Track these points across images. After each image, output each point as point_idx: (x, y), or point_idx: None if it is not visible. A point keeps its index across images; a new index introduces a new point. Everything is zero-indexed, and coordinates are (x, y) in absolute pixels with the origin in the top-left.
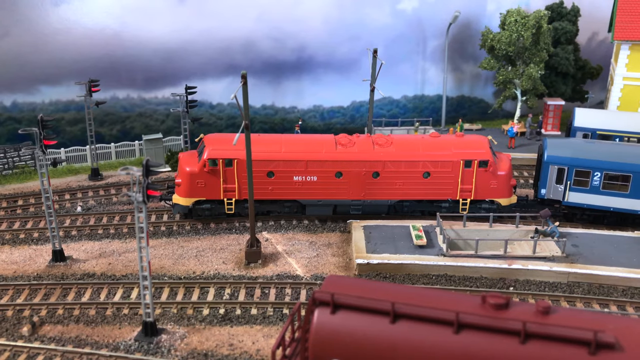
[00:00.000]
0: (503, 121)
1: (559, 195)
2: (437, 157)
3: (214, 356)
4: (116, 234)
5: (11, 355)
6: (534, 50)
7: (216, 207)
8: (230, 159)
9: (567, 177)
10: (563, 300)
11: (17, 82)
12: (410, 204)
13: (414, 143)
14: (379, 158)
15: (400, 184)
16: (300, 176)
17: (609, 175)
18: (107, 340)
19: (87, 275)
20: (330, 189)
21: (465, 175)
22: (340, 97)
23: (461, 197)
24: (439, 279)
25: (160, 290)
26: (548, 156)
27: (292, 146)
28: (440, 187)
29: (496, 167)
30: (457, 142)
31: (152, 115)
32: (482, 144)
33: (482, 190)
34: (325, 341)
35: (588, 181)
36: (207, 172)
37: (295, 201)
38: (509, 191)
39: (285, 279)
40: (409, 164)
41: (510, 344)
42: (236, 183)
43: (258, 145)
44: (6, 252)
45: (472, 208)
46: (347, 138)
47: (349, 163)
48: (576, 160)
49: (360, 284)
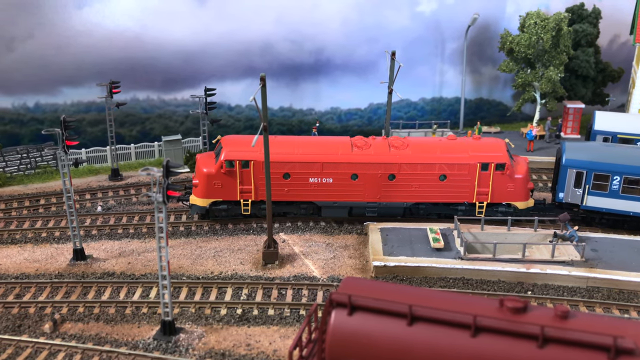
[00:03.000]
0: (522, 124)
1: (577, 199)
2: (453, 160)
3: (232, 356)
4: (135, 233)
5: (33, 352)
6: (554, 53)
7: (233, 208)
8: (247, 160)
9: (585, 181)
10: (582, 305)
11: (40, 83)
12: (426, 207)
13: (430, 145)
14: (395, 160)
15: (416, 186)
16: (316, 178)
17: (628, 180)
18: (126, 338)
19: (107, 274)
20: (346, 190)
21: (481, 178)
22: (357, 99)
23: (477, 200)
24: (456, 282)
25: (178, 290)
26: (566, 160)
27: (308, 148)
28: (457, 189)
29: (513, 170)
30: (474, 144)
31: (172, 116)
32: (499, 146)
33: (499, 193)
34: (342, 342)
35: (607, 185)
36: (224, 173)
37: (311, 203)
38: (526, 195)
39: (302, 280)
40: (425, 167)
41: (527, 348)
42: (252, 184)
43: (274, 146)
44: (28, 250)
45: (488, 211)
46: (363, 140)
47: (365, 165)
48: (595, 164)
49: (377, 286)
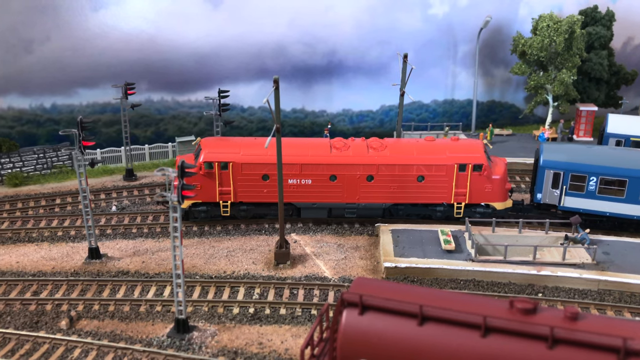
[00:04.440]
0: (534, 127)
1: (554, 200)
2: (431, 161)
3: (244, 354)
4: (149, 233)
5: (50, 348)
6: (567, 56)
7: (212, 209)
8: (226, 162)
9: (562, 181)
10: (593, 308)
11: (56, 84)
12: (405, 208)
13: (408, 147)
14: (373, 162)
15: (395, 187)
16: (295, 179)
17: (605, 180)
18: (140, 335)
19: (122, 273)
20: (325, 192)
21: (459, 179)
22: (369, 101)
23: (456, 200)
24: (467, 284)
25: (192, 289)
26: (544, 161)
27: (287, 150)
28: (435, 190)
29: (491, 171)
30: (451, 146)
31: (185, 117)
32: (477, 148)
33: (477, 194)
34: (353, 342)
35: (584, 186)
36: (202, 174)
37: (290, 204)
38: (504, 195)
39: (314, 280)
40: (403, 168)
41: (537, 349)
42: (231, 186)
43: (253, 148)
44: (45, 248)
45: (467, 212)
46: (342, 142)
47: (343, 166)
48: (572, 165)
49: (388, 286)
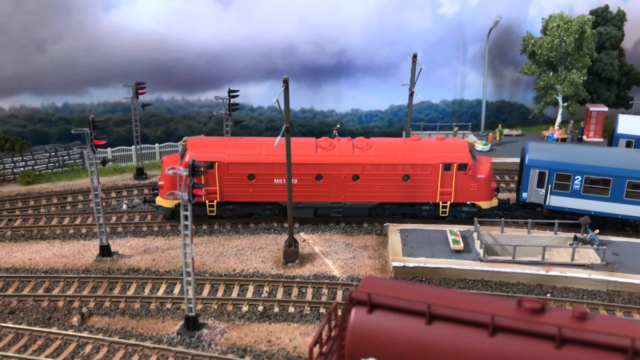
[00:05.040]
0: (543, 127)
1: (540, 199)
2: (416, 160)
3: (253, 351)
4: (160, 231)
5: (62, 343)
6: (577, 56)
7: (198, 208)
8: (212, 162)
9: (548, 180)
10: (602, 309)
11: (68, 84)
12: (390, 207)
13: (393, 146)
14: (359, 161)
15: (380, 186)
16: (280, 179)
17: (589, 179)
18: (150, 332)
19: (132, 270)
20: (311, 191)
21: (444, 178)
22: (378, 101)
23: (441, 200)
24: (476, 284)
25: (201, 287)
26: (529, 160)
27: (272, 149)
28: (420, 190)
29: (476, 170)
30: (436, 145)
31: (195, 117)
32: (462, 147)
33: (462, 193)
34: (361, 340)
35: (569, 185)
36: None
37: (276, 203)
38: (489, 194)
39: (322, 279)
40: (388, 167)
41: (545, 348)
42: (217, 185)
43: (239, 148)
44: (57, 246)
45: (452, 211)
46: (328, 141)
47: (329, 166)
48: (557, 164)
49: (396, 285)
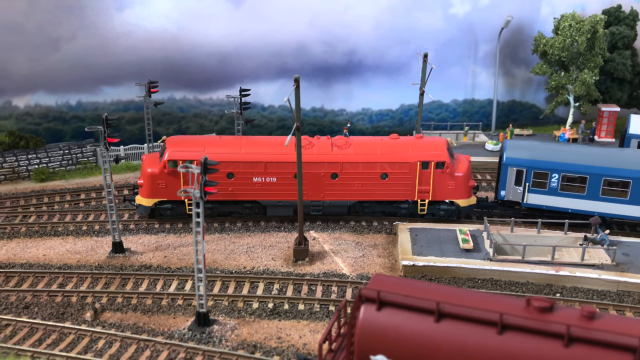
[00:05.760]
0: (555, 127)
1: (518, 197)
2: (394, 159)
3: (263, 348)
4: (171, 228)
5: (76, 338)
6: (589, 56)
7: (177, 207)
8: (191, 160)
9: (525, 178)
10: (612, 309)
11: (82, 82)
12: (369, 205)
13: (372, 145)
14: (337, 159)
15: (359, 185)
16: (259, 177)
17: (566, 177)
18: (162, 328)
19: (144, 267)
20: (290, 190)
21: (422, 177)
22: (389, 100)
23: (419, 198)
24: (485, 283)
25: (212, 284)
26: (507, 158)
27: (251, 148)
28: (399, 188)
29: (453, 168)
30: (415, 143)
31: (207, 116)
32: (440, 145)
33: (440, 191)
34: (370, 337)
35: (546, 183)
36: (167, 173)
37: (256, 202)
38: (467, 192)
39: (332, 277)
40: (367, 165)
41: (553, 346)
42: None
43: (218, 146)
44: (70, 242)
45: (431, 209)
46: (307, 140)
47: (308, 164)
48: (534, 162)
49: (405, 283)
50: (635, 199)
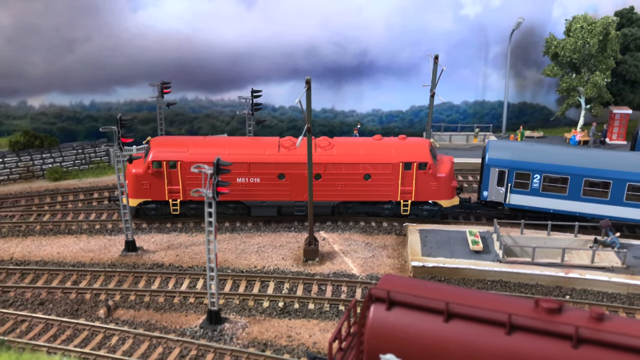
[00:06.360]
0: (565, 129)
1: (500, 197)
2: (377, 160)
3: (273, 346)
4: (183, 228)
5: (89, 334)
6: (601, 58)
7: (162, 207)
8: (175, 161)
9: (507, 179)
10: (622, 312)
11: (96, 83)
12: (353, 206)
13: (355, 146)
14: (321, 160)
15: (342, 185)
16: (243, 178)
17: (548, 178)
18: (174, 325)
19: (157, 265)
20: (274, 190)
21: (405, 177)
22: (399, 101)
23: (402, 198)
24: (494, 284)
25: (223, 282)
26: (489, 159)
27: (235, 148)
28: (381, 189)
29: (436, 169)
30: (397, 144)
31: (219, 116)
32: (422, 146)
33: (423, 191)
34: (380, 336)
35: (528, 183)
36: (151, 173)
37: (240, 202)
38: (450, 193)
39: (342, 277)
40: (350, 166)
41: (561, 348)
42: (180, 184)
43: (202, 147)
44: (84, 240)
45: (414, 210)
46: (291, 141)
47: (291, 165)
48: (516, 163)
49: (415, 284)
50: (616, 200)
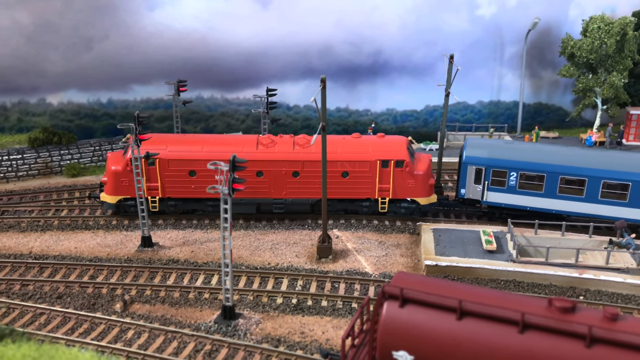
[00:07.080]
0: (581, 130)
1: (477, 195)
2: (354, 157)
3: (286, 342)
4: (199, 224)
5: (106, 328)
6: (618, 58)
7: None
8: (153, 158)
9: (484, 177)
10: (637, 313)
11: (113, 81)
12: (331, 203)
13: (333, 143)
14: (298, 158)
15: (320, 183)
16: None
17: (524, 175)
18: (189, 320)
19: (172, 261)
20: (252, 187)
21: (382, 175)
22: (414, 101)
23: (380, 196)
24: (507, 284)
25: (237, 279)
26: (466, 157)
27: (213, 146)
28: (359, 186)
29: (413, 167)
30: (375, 142)
31: (234, 115)
32: (400, 144)
33: (400, 189)
34: (393, 333)
35: (505, 181)
36: (130, 171)
37: (219, 199)
38: (427, 190)
39: (355, 275)
40: (327, 164)
41: (575, 347)
42: (159, 182)
43: (180, 144)
44: (101, 236)
45: (392, 207)
46: (270, 138)
47: (269, 162)
48: (493, 161)
49: (428, 282)
50: (591, 197)
